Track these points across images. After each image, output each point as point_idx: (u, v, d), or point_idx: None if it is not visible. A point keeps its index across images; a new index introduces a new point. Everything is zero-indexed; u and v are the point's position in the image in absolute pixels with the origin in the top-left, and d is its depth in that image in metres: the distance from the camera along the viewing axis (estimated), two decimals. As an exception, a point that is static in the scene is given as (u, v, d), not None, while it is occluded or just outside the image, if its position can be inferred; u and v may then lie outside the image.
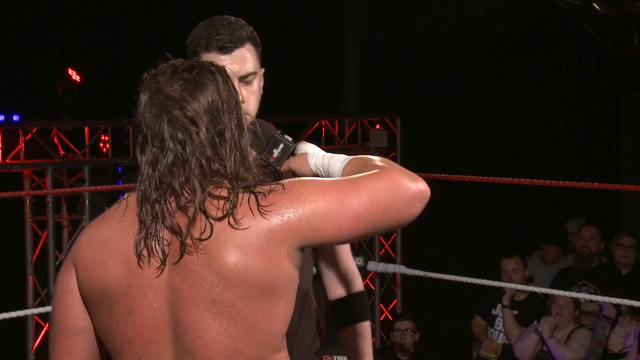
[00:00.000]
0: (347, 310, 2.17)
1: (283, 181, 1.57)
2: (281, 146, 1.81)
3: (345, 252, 2.17)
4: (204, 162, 1.53)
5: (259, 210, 1.51)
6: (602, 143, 8.26)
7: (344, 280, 2.17)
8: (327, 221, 1.52)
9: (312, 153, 1.78)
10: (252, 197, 1.52)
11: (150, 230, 1.53)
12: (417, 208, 1.55)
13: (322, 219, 1.52)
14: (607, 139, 8.29)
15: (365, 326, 2.17)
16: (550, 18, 7.69)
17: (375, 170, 1.56)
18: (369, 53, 8.21)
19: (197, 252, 1.51)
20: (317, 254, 2.18)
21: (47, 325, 5.83)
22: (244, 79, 2.00)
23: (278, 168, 1.81)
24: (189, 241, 1.51)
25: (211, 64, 1.61)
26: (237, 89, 1.94)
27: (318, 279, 2.23)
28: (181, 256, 1.52)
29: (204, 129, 1.54)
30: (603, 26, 7.25)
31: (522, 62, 8.07)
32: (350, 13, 8.09)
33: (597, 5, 6.82)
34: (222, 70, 1.61)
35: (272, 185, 1.55)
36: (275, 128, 1.86)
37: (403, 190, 1.53)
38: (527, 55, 8.10)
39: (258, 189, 1.54)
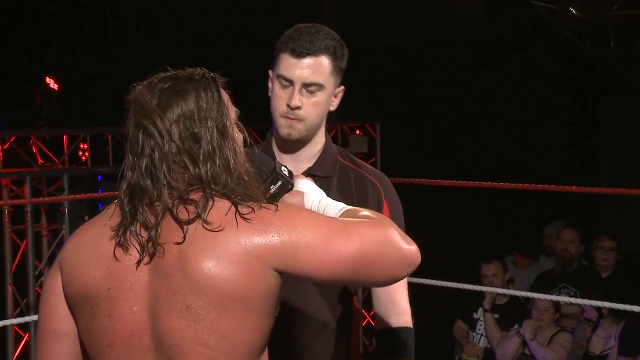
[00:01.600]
0: (387, 344, 2.15)
1: (280, 203, 1.57)
2: (279, 183, 1.78)
3: (394, 284, 2.15)
4: (174, 168, 1.54)
5: (245, 221, 1.51)
6: (580, 147, 8.31)
7: (389, 312, 2.16)
8: (310, 254, 1.50)
9: (309, 195, 1.74)
10: (239, 208, 1.52)
11: (129, 231, 1.54)
12: (403, 271, 1.52)
13: (305, 251, 1.50)
14: (586, 142, 8.34)
15: None
16: (527, 23, 7.74)
17: (372, 221, 1.53)
18: (348, 59, 8.20)
19: (174, 256, 1.51)
20: None
21: (27, 335, 5.78)
22: (307, 87, 2.06)
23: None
24: (164, 245, 1.52)
25: (201, 72, 1.62)
26: (295, 94, 1.99)
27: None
28: (151, 259, 1.52)
29: (177, 136, 1.54)
30: (580, 30, 7.30)
31: (500, 67, 8.10)
32: (329, 19, 8.10)
33: (574, 10, 6.86)
34: (208, 79, 1.61)
35: (265, 204, 1.55)
36: (273, 161, 1.80)
37: (394, 248, 1.50)
38: (506, 60, 8.13)
39: (249, 203, 1.54)
